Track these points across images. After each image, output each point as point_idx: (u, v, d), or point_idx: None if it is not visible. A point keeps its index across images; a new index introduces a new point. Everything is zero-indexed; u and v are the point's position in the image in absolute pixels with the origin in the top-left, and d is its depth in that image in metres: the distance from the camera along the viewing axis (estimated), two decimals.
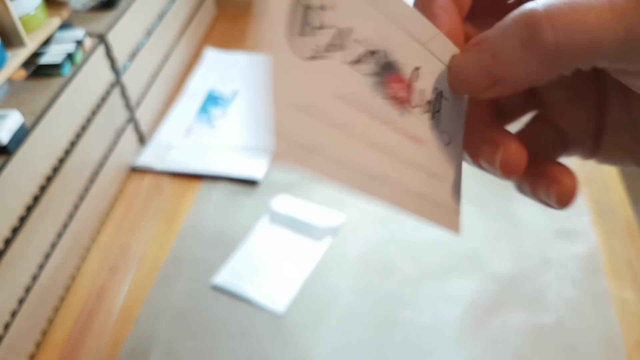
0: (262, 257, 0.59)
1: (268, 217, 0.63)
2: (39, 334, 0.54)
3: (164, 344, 0.53)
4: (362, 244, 0.60)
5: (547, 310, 0.52)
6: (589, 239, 0.58)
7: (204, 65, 0.88)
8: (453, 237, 0.59)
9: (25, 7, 0.52)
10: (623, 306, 0.52)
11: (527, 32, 0.17)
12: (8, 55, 0.51)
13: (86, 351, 0.53)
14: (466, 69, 0.20)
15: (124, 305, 0.57)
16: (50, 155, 0.54)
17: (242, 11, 1.02)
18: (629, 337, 0.49)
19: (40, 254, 0.53)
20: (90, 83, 0.61)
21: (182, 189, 0.69)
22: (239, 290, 0.56)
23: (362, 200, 0.64)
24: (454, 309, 0.53)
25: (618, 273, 0.55)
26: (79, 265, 0.61)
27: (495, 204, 0.62)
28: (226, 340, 0.53)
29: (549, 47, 0.17)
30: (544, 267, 0.56)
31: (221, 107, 0.80)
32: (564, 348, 0.49)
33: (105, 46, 0.63)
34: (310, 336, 0.52)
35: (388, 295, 0.55)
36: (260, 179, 0.68)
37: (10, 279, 0.49)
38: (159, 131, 0.76)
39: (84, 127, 0.60)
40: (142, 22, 0.72)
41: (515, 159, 0.20)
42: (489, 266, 0.57)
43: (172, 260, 0.60)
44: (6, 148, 0.48)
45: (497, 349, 0.50)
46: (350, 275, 0.57)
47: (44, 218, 0.53)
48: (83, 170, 0.60)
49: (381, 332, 0.52)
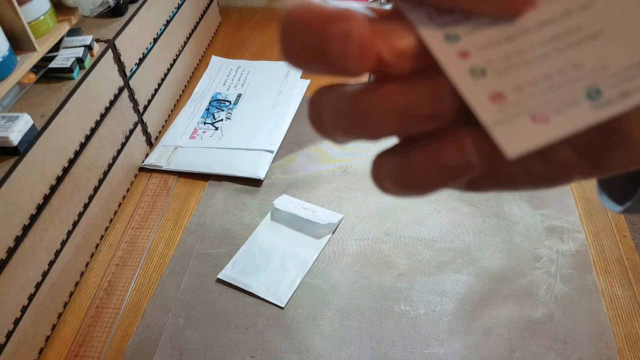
0: (264, 253, 0.58)
1: (270, 215, 0.62)
2: (48, 328, 0.52)
3: (171, 336, 0.52)
4: (360, 241, 0.59)
5: (538, 305, 0.51)
6: (578, 236, 0.56)
7: (209, 70, 0.87)
8: (446, 235, 0.58)
9: (34, 12, 0.51)
10: (613, 301, 0.50)
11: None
12: (18, 59, 0.49)
13: (95, 345, 0.52)
14: None
15: (132, 300, 0.55)
16: (60, 156, 0.53)
17: (246, 18, 1.01)
18: (619, 332, 0.48)
19: (50, 251, 0.52)
20: (99, 87, 0.59)
21: (188, 188, 0.67)
22: (242, 284, 0.55)
23: (359, 200, 0.63)
24: (448, 303, 0.52)
25: (607, 269, 0.53)
26: (88, 261, 0.59)
27: (487, 202, 0.61)
28: (230, 332, 0.51)
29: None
30: (535, 263, 0.54)
31: (225, 110, 0.78)
32: (555, 342, 0.48)
33: (113, 51, 0.62)
34: (310, 328, 0.51)
35: (384, 289, 0.54)
36: (263, 178, 0.67)
37: (21, 275, 0.47)
38: (166, 133, 0.75)
39: (93, 129, 0.58)
40: (149, 29, 0.71)
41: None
42: (481, 262, 0.55)
43: (178, 257, 0.59)
44: (17, 149, 0.47)
45: (489, 341, 0.49)
46: (348, 270, 0.56)
47: (54, 217, 0.52)
48: (92, 171, 0.59)
49: (378, 324, 0.51)
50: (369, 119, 0.14)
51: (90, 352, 0.51)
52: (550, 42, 0.13)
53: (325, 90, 0.15)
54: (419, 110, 0.14)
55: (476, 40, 0.13)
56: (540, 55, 0.13)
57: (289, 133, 0.73)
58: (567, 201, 0.60)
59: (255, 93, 0.81)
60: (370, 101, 0.14)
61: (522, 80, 0.13)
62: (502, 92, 0.13)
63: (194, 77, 0.86)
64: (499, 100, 0.13)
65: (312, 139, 0.72)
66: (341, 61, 0.13)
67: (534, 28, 0.13)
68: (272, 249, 0.58)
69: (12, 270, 0.46)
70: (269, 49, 0.91)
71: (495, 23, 0.13)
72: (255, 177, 0.66)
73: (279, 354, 0.49)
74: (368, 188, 0.64)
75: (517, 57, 0.13)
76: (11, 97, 0.52)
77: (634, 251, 0.55)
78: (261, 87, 0.82)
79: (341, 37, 0.13)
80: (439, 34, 0.13)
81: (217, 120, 0.76)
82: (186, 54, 0.83)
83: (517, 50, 0.13)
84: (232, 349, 0.50)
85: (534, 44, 0.13)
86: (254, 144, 0.71)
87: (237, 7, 1.04)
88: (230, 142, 0.72)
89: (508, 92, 0.13)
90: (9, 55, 0.48)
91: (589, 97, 0.13)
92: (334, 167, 0.68)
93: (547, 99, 0.13)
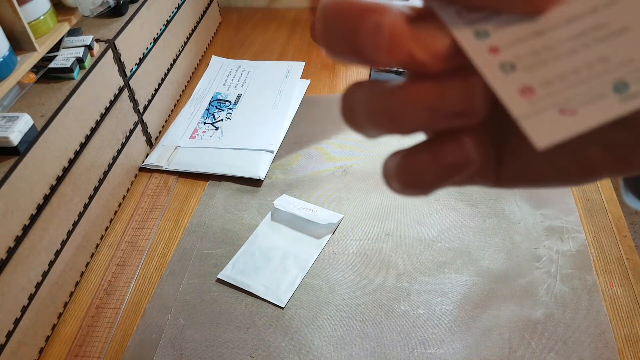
0: (264, 254, 0.58)
1: (270, 215, 0.62)
2: (48, 328, 0.52)
3: (171, 336, 0.52)
4: (360, 241, 0.59)
5: (538, 305, 0.51)
6: (578, 236, 0.56)
7: (209, 70, 0.87)
8: (446, 235, 0.58)
9: (34, 12, 0.51)
10: (613, 301, 0.50)
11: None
12: (18, 59, 0.49)
13: (95, 344, 0.52)
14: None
15: (132, 300, 0.55)
16: (60, 156, 0.53)
17: (246, 18, 1.01)
18: (619, 332, 0.48)
19: (51, 251, 0.52)
20: (99, 87, 0.59)
21: (188, 188, 0.67)
22: (242, 284, 0.55)
23: (359, 200, 0.63)
24: (448, 303, 0.52)
25: (607, 269, 0.53)
26: (88, 261, 0.59)
27: (487, 202, 0.61)
28: (230, 332, 0.51)
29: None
30: (535, 263, 0.54)
31: (225, 110, 0.78)
32: (555, 342, 0.48)
33: (113, 51, 0.62)
34: (310, 328, 0.51)
35: (384, 289, 0.54)
36: (263, 178, 0.66)
37: (21, 275, 0.47)
38: (166, 133, 0.75)
39: (93, 129, 0.58)
40: (149, 29, 0.71)
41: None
42: (481, 262, 0.55)
43: (178, 257, 0.59)
44: (17, 149, 0.47)
45: (489, 341, 0.49)
46: (348, 270, 0.56)
47: (54, 217, 0.52)
48: (92, 171, 0.59)
49: (378, 324, 0.51)
50: (402, 115, 0.14)
51: (90, 352, 0.51)
52: (577, 37, 0.13)
53: (359, 86, 0.16)
54: (452, 107, 0.14)
55: (505, 36, 0.14)
56: (567, 50, 0.14)
57: (289, 133, 0.73)
58: (567, 201, 0.60)
59: (255, 93, 0.81)
60: (404, 97, 0.14)
61: (550, 74, 0.14)
62: (532, 87, 0.14)
63: (194, 77, 0.86)
64: (528, 94, 0.14)
65: (312, 139, 0.72)
66: (372, 52, 0.13)
67: (562, 24, 0.14)
68: (272, 249, 0.58)
69: (12, 270, 0.46)
70: (269, 49, 0.91)
71: (523, 19, 0.14)
72: (255, 177, 0.66)
73: (279, 354, 0.49)
74: (368, 188, 0.64)
75: (546, 53, 0.14)
76: (11, 97, 0.52)
77: (634, 251, 0.54)
78: (261, 87, 0.82)
79: (373, 28, 0.13)
80: (469, 30, 0.14)
81: (217, 120, 0.76)
82: (186, 54, 0.83)
83: (545, 45, 0.14)
84: (232, 349, 0.50)
85: (561, 39, 0.14)
86: (254, 144, 0.71)
87: (237, 7, 1.04)
88: (230, 142, 0.72)
89: (537, 86, 0.14)
90: (9, 55, 0.48)
91: (615, 90, 0.13)
92: (334, 167, 0.68)
93: (575, 93, 0.13)
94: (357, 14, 0.14)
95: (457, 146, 0.15)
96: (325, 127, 0.74)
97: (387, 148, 0.69)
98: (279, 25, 0.98)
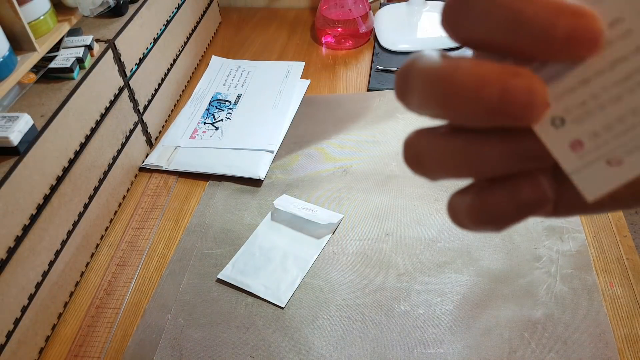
0: (264, 254, 0.58)
1: (270, 215, 0.62)
2: (48, 328, 0.52)
3: (171, 336, 0.52)
4: (360, 241, 0.59)
5: (538, 305, 0.51)
6: (578, 236, 0.56)
7: (209, 70, 0.87)
8: (446, 235, 0.58)
9: (34, 12, 0.51)
10: (613, 301, 0.50)
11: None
12: (18, 59, 0.49)
13: (95, 345, 0.52)
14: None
15: (132, 300, 0.55)
16: (60, 156, 0.53)
17: (246, 18, 1.01)
18: (619, 332, 0.48)
19: (51, 251, 0.52)
20: (99, 87, 0.59)
21: (188, 188, 0.67)
22: (242, 284, 0.55)
23: (359, 200, 0.63)
24: (448, 303, 0.52)
25: (607, 269, 0.53)
26: (88, 261, 0.59)
27: None
28: (230, 332, 0.51)
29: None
30: (535, 263, 0.54)
31: (225, 110, 0.78)
32: (555, 342, 0.48)
33: (113, 51, 0.62)
34: (310, 328, 0.51)
35: (384, 289, 0.54)
36: (263, 178, 0.66)
37: (21, 275, 0.47)
38: (166, 133, 0.75)
39: (93, 129, 0.58)
40: (149, 29, 0.71)
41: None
42: (481, 262, 0.55)
43: (178, 257, 0.59)
44: (17, 149, 0.47)
45: (489, 341, 0.49)
46: (348, 270, 0.56)
47: (54, 217, 0.52)
48: (92, 171, 0.59)
49: (378, 324, 0.51)
50: (485, 161, 0.15)
51: (90, 352, 0.51)
52: (622, 82, 0.13)
53: (426, 133, 0.16)
54: (535, 154, 0.15)
55: (554, 89, 0.14)
56: (613, 97, 0.14)
57: (289, 133, 0.73)
58: None
59: (255, 93, 0.81)
60: (494, 152, 0.15)
61: (597, 125, 0.14)
62: (581, 140, 0.14)
63: (194, 77, 0.86)
64: (578, 148, 0.14)
65: (312, 139, 0.72)
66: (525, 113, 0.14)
67: (607, 68, 0.13)
68: (272, 249, 0.58)
69: (12, 270, 0.46)
70: (269, 49, 0.91)
71: (569, 68, 0.14)
72: (255, 177, 0.66)
73: (279, 354, 0.49)
74: (368, 188, 0.64)
75: (592, 102, 0.14)
76: (11, 97, 0.52)
77: (634, 251, 0.54)
78: (261, 87, 0.82)
79: (524, 90, 0.13)
80: None
81: (217, 120, 0.76)
82: (186, 54, 0.83)
83: (591, 94, 0.14)
84: (232, 349, 0.50)
85: (607, 85, 0.14)
86: (254, 144, 0.71)
87: (237, 7, 1.04)
88: (230, 142, 0.72)
89: (585, 139, 0.14)
90: (9, 55, 0.48)
91: None
92: (334, 167, 0.68)
93: (620, 142, 0.14)
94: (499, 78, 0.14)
95: (534, 185, 0.15)
96: (325, 127, 0.74)
97: (387, 148, 0.69)
98: (279, 25, 0.98)
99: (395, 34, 0.87)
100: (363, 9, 0.87)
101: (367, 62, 0.85)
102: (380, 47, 0.87)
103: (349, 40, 0.89)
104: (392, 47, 0.85)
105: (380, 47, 0.86)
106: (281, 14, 1.01)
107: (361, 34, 0.88)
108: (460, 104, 0.14)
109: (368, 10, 0.88)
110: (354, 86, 0.81)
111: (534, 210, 0.16)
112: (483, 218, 0.16)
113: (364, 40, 0.90)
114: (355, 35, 0.88)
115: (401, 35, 0.86)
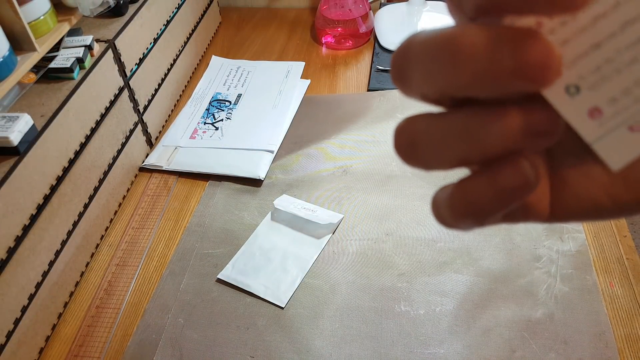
0: (264, 254, 0.58)
1: (270, 215, 0.62)
2: (48, 328, 0.52)
3: (171, 336, 0.52)
4: (360, 241, 0.59)
5: (538, 305, 0.51)
6: (578, 236, 0.56)
7: (209, 70, 0.87)
8: (446, 235, 0.58)
9: (34, 12, 0.51)
10: (613, 301, 0.50)
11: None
12: (18, 59, 0.49)
13: (95, 345, 0.52)
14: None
15: (132, 300, 0.55)
16: (60, 156, 0.53)
17: (246, 18, 1.01)
18: (619, 332, 0.48)
19: (51, 251, 0.52)
20: (99, 87, 0.59)
21: (188, 188, 0.67)
22: (242, 284, 0.55)
23: (359, 200, 0.63)
24: (448, 303, 0.52)
25: (607, 269, 0.53)
26: (88, 261, 0.59)
27: None
28: (230, 332, 0.51)
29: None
30: (535, 263, 0.54)
31: (225, 110, 0.78)
32: (555, 342, 0.48)
33: (113, 51, 0.62)
34: (310, 328, 0.51)
35: (384, 289, 0.54)
36: (263, 178, 0.66)
37: (21, 275, 0.47)
38: (166, 133, 0.75)
39: (93, 129, 0.58)
40: (149, 29, 0.71)
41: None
42: (481, 262, 0.55)
43: (178, 257, 0.59)
44: (17, 149, 0.47)
45: (489, 341, 0.49)
46: (348, 270, 0.56)
47: (54, 217, 0.52)
48: (92, 171, 0.59)
49: (378, 324, 0.51)
50: (485, 139, 0.14)
51: (90, 352, 0.51)
52: (636, 43, 0.13)
53: (421, 117, 0.15)
54: (540, 127, 0.14)
55: (565, 55, 0.13)
56: (628, 60, 0.13)
57: (289, 133, 0.73)
58: None
59: (255, 93, 0.81)
60: (500, 124, 0.14)
61: (615, 90, 0.13)
62: (599, 107, 0.13)
63: (194, 77, 0.86)
64: (596, 115, 0.13)
65: (312, 139, 0.72)
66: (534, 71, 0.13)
67: (619, 31, 0.13)
68: (272, 249, 0.58)
69: (12, 270, 0.46)
70: (269, 49, 0.91)
71: (582, 31, 0.13)
72: (255, 177, 0.66)
73: (279, 354, 0.49)
74: (368, 188, 0.64)
75: (607, 67, 0.13)
76: (11, 97, 0.52)
77: (634, 251, 0.54)
78: (261, 87, 0.82)
79: (540, 49, 0.13)
80: None
81: (217, 120, 0.76)
82: (186, 54, 0.83)
83: (605, 58, 0.13)
84: (232, 349, 0.50)
85: (620, 48, 0.13)
86: (254, 144, 0.71)
87: (237, 7, 1.04)
88: (230, 142, 0.72)
89: (604, 106, 0.13)
90: (9, 55, 0.48)
91: None
92: (334, 167, 0.68)
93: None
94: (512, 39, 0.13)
95: (514, 168, 0.14)
96: (325, 127, 0.74)
97: (387, 148, 0.69)
98: (279, 25, 0.98)
99: (395, 34, 0.87)
100: (363, 9, 0.87)
101: (367, 62, 0.85)
102: (380, 47, 0.87)
103: (349, 40, 0.89)
104: (392, 47, 0.85)
105: (380, 47, 0.86)
106: (281, 14, 1.01)
107: (361, 34, 0.88)
108: (471, 69, 0.13)
109: (368, 10, 0.88)
110: (354, 86, 0.81)
111: (515, 197, 0.15)
112: (462, 209, 0.15)
113: (364, 40, 0.90)
114: (355, 35, 0.88)
115: (401, 35, 0.86)
